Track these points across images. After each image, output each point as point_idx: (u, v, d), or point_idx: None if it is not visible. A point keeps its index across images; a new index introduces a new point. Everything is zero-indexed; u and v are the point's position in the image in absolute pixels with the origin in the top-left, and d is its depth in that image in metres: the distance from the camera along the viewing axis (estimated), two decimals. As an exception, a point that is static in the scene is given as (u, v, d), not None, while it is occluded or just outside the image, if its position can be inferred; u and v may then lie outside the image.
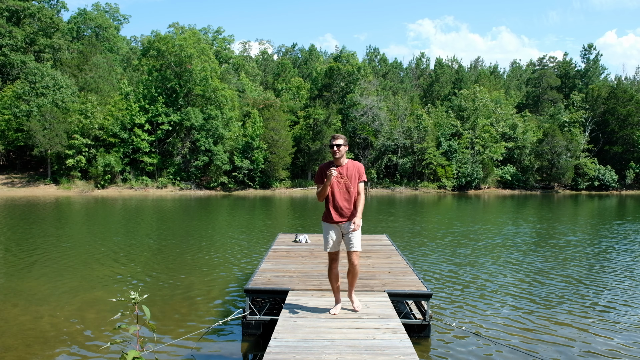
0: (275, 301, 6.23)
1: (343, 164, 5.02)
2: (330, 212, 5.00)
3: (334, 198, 4.97)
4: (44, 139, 41.24)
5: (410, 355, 3.93)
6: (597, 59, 71.95)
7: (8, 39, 50.07)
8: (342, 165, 5.01)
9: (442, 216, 23.57)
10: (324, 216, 5.11)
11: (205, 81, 46.00)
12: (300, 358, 3.89)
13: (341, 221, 4.98)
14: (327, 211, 5.04)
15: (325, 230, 5.09)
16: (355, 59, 56.77)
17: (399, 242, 12.82)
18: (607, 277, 9.17)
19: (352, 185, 4.99)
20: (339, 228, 5.01)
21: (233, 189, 45.55)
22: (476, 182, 51.53)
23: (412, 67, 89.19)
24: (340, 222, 4.99)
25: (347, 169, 5.01)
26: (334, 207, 4.98)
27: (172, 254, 11.50)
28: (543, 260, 10.94)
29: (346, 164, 5.03)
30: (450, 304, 7.18)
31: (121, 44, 68.78)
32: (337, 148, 4.97)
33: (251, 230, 16.68)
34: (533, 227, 18.22)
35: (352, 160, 5.09)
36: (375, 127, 51.70)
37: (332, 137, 5.04)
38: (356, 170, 5.03)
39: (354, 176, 4.99)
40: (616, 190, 54.17)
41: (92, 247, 12.48)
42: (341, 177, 4.96)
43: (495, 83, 70.75)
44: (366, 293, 5.72)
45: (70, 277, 8.89)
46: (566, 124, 57.05)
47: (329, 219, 5.03)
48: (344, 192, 4.97)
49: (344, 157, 5.02)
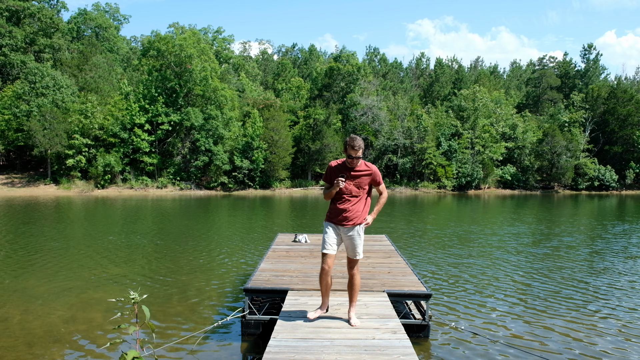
0: (274, 301, 6.25)
1: (356, 165, 4.73)
2: (334, 212, 4.79)
3: (341, 200, 4.74)
4: (44, 139, 41.24)
5: (409, 355, 3.94)
6: (597, 59, 71.95)
7: (8, 39, 50.07)
8: (355, 167, 4.72)
9: (442, 216, 23.58)
10: (326, 216, 4.90)
11: (205, 81, 45.99)
12: (299, 358, 3.90)
13: (344, 224, 4.74)
14: (331, 210, 4.83)
15: (324, 229, 4.88)
16: (355, 59, 56.77)
17: (399, 243, 12.83)
18: (607, 278, 9.18)
19: (363, 189, 4.75)
20: (338, 230, 4.79)
21: (233, 189, 45.55)
22: (476, 182, 51.53)
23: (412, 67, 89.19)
24: (343, 225, 4.75)
25: (359, 172, 4.73)
26: (338, 209, 4.75)
27: (172, 253, 11.51)
28: (542, 260, 10.95)
29: (359, 166, 4.74)
30: (450, 304, 7.18)
31: (121, 44, 68.76)
32: (356, 160, 4.66)
33: (251, 230, 16.69)
34: (532, 227, 18.22)
35: (366, 162, 4.79)
36: (375, 127, 51.70)
37: (352, 145, 4.60)
38: (369, 174, 4.76)
39: (364, 181, 4.74)
40: (616, 190, 54.16)
41: (92, 247, 12.48)
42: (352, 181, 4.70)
43: (495, 83, 70.75)
44: (366, 293, 5.72)
45: (70, 277, 8.90)
46: (566, 124, 57.04)
47: (331, 219, 4.82)
48: (350, 197, 4.72)
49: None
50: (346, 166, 4.74)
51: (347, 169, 4.73)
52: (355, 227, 4.75)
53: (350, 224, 4.74)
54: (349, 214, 4.72)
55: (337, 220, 4.76)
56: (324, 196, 4.90)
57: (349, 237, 4.77)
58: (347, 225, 4.75)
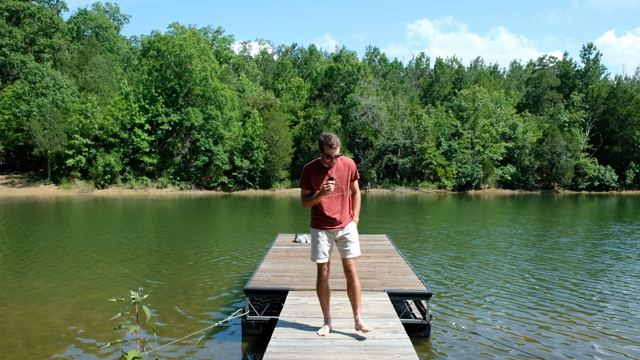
0: (275, 301, 6.24)
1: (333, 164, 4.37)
2: (321, 219, 4.40)
3: (326, 204, 4.37)
4: (44, 139, 41.25)
5: (410, 355, 3.93)
6: (597, 59, 71.91)
7: (8, 39, 50.08)
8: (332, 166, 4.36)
9: (442, 216, 23.58)
10: (314, 222, 4.47)
11: (205, 81, 46.01)
12: (300, 358, 3.90)
13: (335, 228, 4.41)
14: (317, 218, 4.43)
15: (315, 238, 4.44)
16: (355, 59, 56.76)
17: (399, 242, 12.82)
18: (608, 278, 9.17)
19: (344, 188, 4.42)
20: (331, 235, 4.44)
21: (233, 189, 45.55)
22: (476, 182, 51.53)
23: (412, 67, 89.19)
24: (335, 228, 4.41)
25: (338, 170, 4.39)
26: (325, 214, 4.37)
27: (172, 253, 11.50)
28: (543, 260, 10.94)
29: (336, 164, 4.39)
30: (450, 304, 7.18)
31: (121, 44, 68.76)
32: (335, 159, 4.29)
33: (251, 230, 16.68)
34: (533, 227, 18.22)
35: (341, 157, 4.41)
36: (375, 127, 51.70)
37: (329, 143, 4.20)
38: (347, 168, 4.44)
39: (345, 177, 4.42)
40: (616, 190, 54.16)
41: (92, 247, 12.48)
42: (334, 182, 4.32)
43: (495, 83, 70.77)
44: (366, 292, 5.72)
45: (70, 277, 8.90)
46: (566, 124, 57.04)
47: (320, 226, 4.42)
48: (336, 196, 4.39)
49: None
50: (322, 166, 4.36)
51: (324, 168, 4.35)
52: (347, 225, 4.45)
53: (343, 225, 4.43)
54: (338, 215, 4.39)
55: (327, 225, 4.40)
56: (306, 204, 4.41)
57: (342, 237, 4.44)
58: (340, 227, 4.42)
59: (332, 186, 4.20)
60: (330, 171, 4.32)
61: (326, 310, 4.56)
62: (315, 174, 4.36)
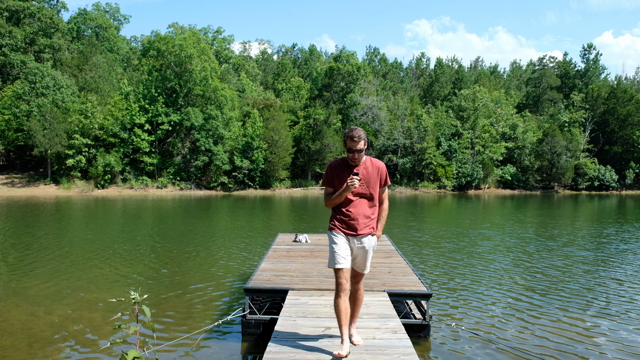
0: (275, 300, 6.24)
1: (360, 162, 4.00)
2: (343, 222, 3.99)
3: (350, 205, 3.97)
4: (44, 139, 41.24)
5: (410, 355, 3.93)
6: (597, 59, 71.90)
7: (8, 39, 50.07)
8: (360, 164, 3.99)
9: (442, 216, 23.58)
10: (332, 225, 4.05)
11: (205, 81, 46.01)
12: (300, 358, 3.89)
13: (355, 235, 3.99)
14: (338, 220, 4.02)
15: (332, 241, 4.01)
16: (355, 59, 56.79)
17: (399, 242, 12.82)
18: (607, 278, 9.18)
19: (373, 191, 4.00)
20: (350, 240, 4.02)
21: (233, 189, 45.55)
22: (476, 182, 51.54)
23: (412, 67, 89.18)
24: (356, 234, 3.99)
25: (366, 169, 3.99)
26: (348, 217, 3.97)
27: (172, 253, 11.50)
28: (543, 260, 10.94)
29: (364, 163, 4.00)
30: (450, 304, 7.18)
31: (121, 44, 68.77)
32: (359, 154, 3.92)
33: (251, 230, 16.68)
34: (533, 228, 18.22)
35: (371, 158, 4.07)
36: (375, 127, 51.70)
37: (350, 135, 3.86)
38: (377, 171, 4.02)
39: (373, 179, 4.00)
40: (616, 190, 54.17)
41: (92, 247, 12.48)
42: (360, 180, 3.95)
43: (495, 83, 70.75)
44: (366, 293, 5.70)
45: (70, 277, 8.90)
46: (566, 124, 57.05)
47: (341, 227, 4.00)
48: (362, 199, 3.98)
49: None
50: (349, 164, 4.00)
51: (350, 167, 3.99)
52: (368, 236, 4.03)
53: (364, 232, 4.00)
54: (361, 219, 3.97)
55: (348, 229, 3.99)
56: (327, 203, 4.07)
57: (361, 248, 4.02)
58: (361, 234, 4.00)
59: (357, 182, 3.84)
60: (356, 169, 3.97)
61: (343, 327, 3.92)
62: (339, 170, 4.00)
